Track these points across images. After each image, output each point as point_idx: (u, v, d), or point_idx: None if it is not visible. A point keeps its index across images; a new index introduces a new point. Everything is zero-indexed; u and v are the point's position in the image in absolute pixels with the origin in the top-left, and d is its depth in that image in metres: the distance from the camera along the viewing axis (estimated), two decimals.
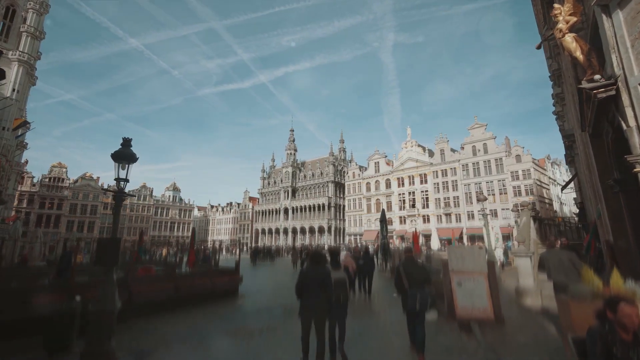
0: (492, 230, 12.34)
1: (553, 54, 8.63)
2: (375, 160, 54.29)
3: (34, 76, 40.59)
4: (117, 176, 4.34)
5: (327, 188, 60.10)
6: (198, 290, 8.36)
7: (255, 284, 12.90)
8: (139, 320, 6.41)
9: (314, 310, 4.19)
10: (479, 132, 42.76)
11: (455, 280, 4.53)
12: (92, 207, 62.56)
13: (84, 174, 63.70)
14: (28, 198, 55.74)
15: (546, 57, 10.16)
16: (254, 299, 9.68)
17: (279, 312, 7.65)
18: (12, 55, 35.77)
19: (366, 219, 52.90)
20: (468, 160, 43.05)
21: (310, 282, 4.29)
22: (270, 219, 67.91)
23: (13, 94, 35.39)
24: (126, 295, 5.90)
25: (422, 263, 6.81)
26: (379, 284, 12.14)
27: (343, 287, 4.69)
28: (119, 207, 4.44)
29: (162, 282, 7.78)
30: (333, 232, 56.45)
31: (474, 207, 41.62)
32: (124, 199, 4.48)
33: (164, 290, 7.46)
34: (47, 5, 41.29)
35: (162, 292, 7.38)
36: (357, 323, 6.53)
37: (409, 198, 48.39)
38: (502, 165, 40.07)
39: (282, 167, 69.56)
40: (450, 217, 43.75)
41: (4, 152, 34.93)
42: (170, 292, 7.59)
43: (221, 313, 7.88)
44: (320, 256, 4.68)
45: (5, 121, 34.41)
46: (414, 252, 12.65)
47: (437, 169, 46.04)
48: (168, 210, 75.06)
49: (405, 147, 50.59)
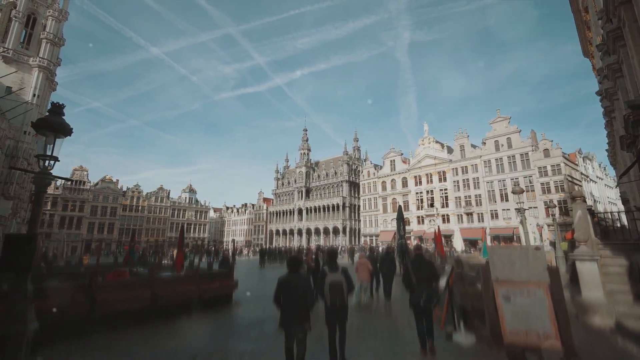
0: (530, 227, 10.69)
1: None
2: (390, 158, 52.49)
3: (53, 82, 41.67)
4: (42, 152, 3.39)
5: (341, 188, 58.78)
6: (181, 298, 7.22)
7: (257, 288, 11.79)
8: (103, 336, 5.44)
9: (294, 320, 4.02)
10: (501, 126, 40.27)
11: (501, 293, 3.29)
12: (112, 209, 64.09)
13: (104, 177, 65.40)
14: (52, 200, 57.71)
15: None
16: (248, 309, 8.54)
17: (270, 329, 6.28)
18: (32, 62, 36.78)
19: (382, 219, 51.17)
20: (490, 156, 40.61)
21: (287, 291, 4.11)
22: (284, 219, 67.30)
23: (33, 99, 36.35)
24: (88, 305, 5.00)
25: (431, 261, 6.59)
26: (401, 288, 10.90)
27: (339, 290, 4.45)
28: (41, 195, 3.47)
29: (136, 289, 6.57)
30: (348, 232, 55.05)
31: (497, 206, 39.20)
32: (48, 184, 3.53)
33: (139, 299, 6.37)
34: (65, 12, 42.35)
35: (135, 300, 6.30)
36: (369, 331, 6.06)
37: (427, 197, 46.32)
38: (528, 160, 37.45)
39: (295, 168, 68.84)
40: (471, 217, 41.42)
41: (25, 156, 35.96)
42: (146, 300, 6.47)
43: (201, 328, 6.59)
44: (296, 262, 4.40)
45: (26, 125, 35.37)
46: (440, 255, 11.43)
47: (456, 166, 43.78)
48: (184, 212, 76.00)
49: (422, 143, 48.55)
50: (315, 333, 4.67)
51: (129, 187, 68.81)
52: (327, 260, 5.19)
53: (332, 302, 4.42)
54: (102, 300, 5.66)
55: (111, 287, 6.32)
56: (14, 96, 34.20)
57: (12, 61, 34.89)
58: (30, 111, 35.02)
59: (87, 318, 5.14)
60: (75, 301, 5.08)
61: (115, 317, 5.72)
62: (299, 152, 68.87)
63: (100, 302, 5.59)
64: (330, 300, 4.43)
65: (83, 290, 5.33)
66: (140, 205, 68.56)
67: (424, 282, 4.86)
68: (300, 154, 68.66)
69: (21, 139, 34.39)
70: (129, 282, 7.17)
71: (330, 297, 4.43)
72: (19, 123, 33.69)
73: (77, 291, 5.31)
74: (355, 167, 61.65)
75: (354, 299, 9.27)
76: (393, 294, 10.13)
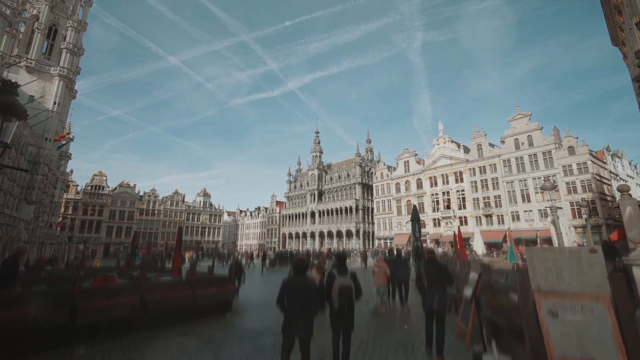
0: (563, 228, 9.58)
1: None
2: (404, 159, 51.24)
3: (73, 90, 43.04)
4: None
5: (354, 190, 57.88)
6: (173, 306, 6.65)
7: (260, 295, 11.13)
8: (82, 348, 4.96)
9: (297, 326, 3.82)
10: (521, 124, 38.47)
11: (545, 308, 2.60)
12: (129, 213, 65.60)
13: (122, 182, 67.09)
14: (73, 205, 59.63)
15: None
16: (246, 318, 7.88)
17: (267, 342, 5.74)
18: (53, 71, 38.09)
19: (397, 222, 49.89)
20: (510, 155, 38.83)
21: (292, 295, 3.93)
22: (296, 222, 66.91)
23: (54, 106, 37.55)
24: (67, 312, 4.58)
25: (445, 264, 6.33)
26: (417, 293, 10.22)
27: (348, 294, 4.30)
28: None
29: (123, 295, 6.02)
30: (362, 235, 54.02)
31: (518, 207, 37.34)
32: None
33: (126, 306, 5.83)
34: (84, 23, 43.76)
35: (122, 307, 5.77)
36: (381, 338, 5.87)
37: (444, 198, 44.79)
38: (551, 159, 35.50)
39: (308, 170, 68.49)
40: (491, 219, 39.65)
41: (47, 162, 37.15)
42: (133, 308, 5.93)
43: (192, 341, 5.92)
44: (302, 265, 4.28)
45: (48, 132, 36.54)
46: (462, 259, 10.58)
47: (474, 165, 42.15)
48: (199, 215, 76.95)
49: (437, 143, 47.12)
50: (319, 339, 4.36)
51: (145, 192, 70.36)
52: (336, 264, 4.93)
53: (340, 306, 4.24)
54: (84, 307, 5.17)
55: (95, 294, 5.83)
56: (36, 104, 35.47)
57: (35, 71, 36.22)
58: (51, 119, 36.23)
59: (66, 327, 4.73)
60: (54, 308, 4.69)
61: (97, 327, 5.27)
62: (311, 155, 68.53)
63: (82, 309, 5.12)
64: (338, 305, 4.25)
65: (64, 297, 4.94)
66: (156, 209, 69.91)
67: (437, 285, 4.79)
68: (312, 156, 68.30)
69: (42, 146, 35.53)
70: (115, 288, 6.52)
71: (339, 301, 4.25)
72: (40, 130, 34.84)
73: (57, 297, 4.93)
74: (368, 169, 60.66)
75: (369, 304, 8.86)
76: (409, 299, 9.59)
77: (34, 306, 4.36)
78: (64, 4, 41.40)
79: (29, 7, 39.21)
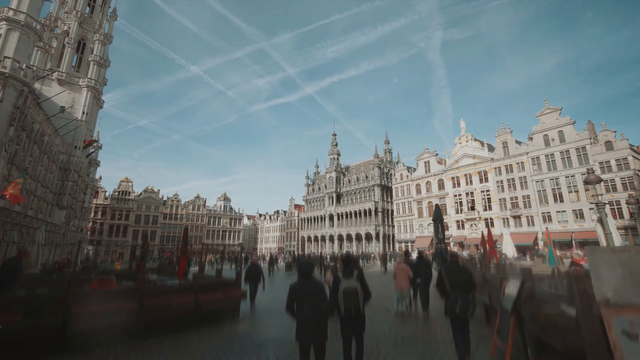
0: (611, 228, 8.42)
1: None
2: (425, 160, 49.66)
3: (100, 100, 45.16)
4: None
5: (372, 192, 56.78)
6: (174, 312, 6.25)
7: (271, 300, 10.45)
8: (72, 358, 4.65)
9: (310, 331, 3.73)
10: (551, 119, 36.16)
11: (617, 326, 1.99)
12: (154, 217, 67.80)
13: (147, 187, 69.55)
14: (102, 210, 62.45)
15: None
16: (253, 326, 7.32)
17: (270, 355, 5.22)
18: (82, 82, 40.06)
19: (417, 224, 48.31)
20: (539, 152, 36.56)
21: (301, 299, 3.85)
22: (315, 226, 66.52)
23: (83, 116, 39.44)
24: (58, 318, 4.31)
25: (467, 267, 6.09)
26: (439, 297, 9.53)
27: (354, 297, 4.13)
28: None
29: (120, 300, 5.66)
30: (381, 238, 52.75)
31: (550, 208, 34.99)
32: None
33: (123, 312, 5.48)
34: (110, 36, 45.83)
35: (120, 314, 5.41)
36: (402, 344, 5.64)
37: (467, 199, 42.88)
38: (585, 155, 33.03)
39: (325, 173, 68.08)
40: (519, 220, 37.42)
41: (76, 169, 39.00)
42: (130, 314, 5.58)
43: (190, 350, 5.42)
44: (308, 267, 4.14)
45: (77, 141, 38.39)
46: (494, 263, 9.73)
47: (499, 164, 40.07)
48: (220, 219, 78.30)
49: (459, 142, 45.30)
50: (330, 346, 4.05)
51: (168, 197, 72.55)
52: (341, 266, 4.81)
53: (347, 310, 4.08)
54: (78, 313, 4.88)
55: (92, 299, 5.43)
56: (66, 114, 37.43)
57: (65, 83, 38.23)
58: (80, 127, 38.09)
59: (58, 334, 4.49)
60: (45, 314, 4.48)
61: (92, 334, 4.93)
62: (329, 157, 68.08)
63: (76, 315, 4.82)
64: (344, 309, 4.09)
65: (56, 301, 4.71)
66: (178, 213, 71.87)
67: (459, 288, 4.72)
68: (329, 159, 67.84)
69: (72, 153, 37.35)
70: (111, 292, 6.15)
71: (345, 304, 4.08)
72: (70, 138, 36.66)
73: (49, 302, 4.71)
74: (387, 170, 59.39)
75: (394, 308, 8.43)
76: (431, 303, 9.05)
77: (21, 311, 4.17)
78: (91, 19, 43.64)
79: (60, 24, 41.64)
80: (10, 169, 22.59)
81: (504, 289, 4.21)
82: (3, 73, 20.28)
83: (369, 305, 7.75)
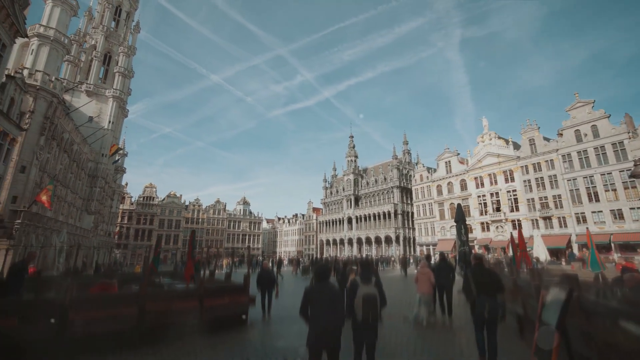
0: None
1: None
2: (445, 160, 48.05)
3: (125, 109, 47.19)
4: None
5: (391, 194, 55.60)
6: (177, 318, 5.94)
7: (281, 306, 9.88)
8: None
9: (324, 337, 3.56)
10: (582, 113, 33.88)
11: None
12: (176, 221, 69.83)
13: (170, 193, 71.82)
14: (128, 215, 65.06)
15: None
16: (261, 334, 6.85)
17: None
18: (108, 93, 42.04)
19: (439, 227, 46.68)
20: (570, 149, 34.31)
21: (316, 303, 3.70)
22: (333, 229, 65.99)
23: (109, 125, 41.29)
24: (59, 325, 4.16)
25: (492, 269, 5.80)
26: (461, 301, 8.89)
27: (373, 304, 4.02)
28: None
29: (120, 305, 5.42)
30: (402, 241, 51.42)
31: (584, 208, 32.67)
32: None
33: (123, 318, 5.22)
34: (134, 48, 47.88)
35: (119, 320, 5.17)
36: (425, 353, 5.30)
37: (492, 200, 40.93)
38: (624, 150, 30.60)
39: (343, 176, 67.53)
40: (550, 222, 35.20)
41: (103, 175, 40.77)
42: (131, 320, 5.30)
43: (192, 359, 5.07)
44: (324, 270, 4.00)
45: (104, 149, 40.21)
46: (527, 268, 8.97)
47: (526, 162, 37.99)
48: (239, 223, 79.49)
49: (481, 140, 43.46)
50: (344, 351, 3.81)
51: (190, 202, 74.52)
52: (359, 271, 4.73)
53: (365, 317, 3.97)
54: (75, 318, 4.70)
55: (89, 303, 5.26)
56: (94, 124, 39.31)
57: (93, 94, 40.22)
58: (106, 136, 39.90)
59: (56, 341, 4.35)
60: (42, 320, 4.36)
61: (90, 341, 4.69)
62: (346, 160, 67.51)
63: (73, 320, 4.65)
64: (362, 316, 3.98)
65: (54, 306, 4.60)
66: (200, 217, 73.62)
67: (486, 292, 4.59)
68: (347, 161, 67.25)
69: (100, 161, 39.13)
70: (112, 297, 5.88)
71: (363, 311, 3.96)
72: (97, 147, 38.45)
73: (46, 307, 4.58)
74: (406, 171, 58.03)
75: (413, 314, 7.98)
76: (455, 311, 8.55)
77: (16, 317, 4.08)
78: (116, 33, 45.81)
79: (88, 39, 44.03)
80: (42, 176, 23.82)
81: (543, 298, 3.64)
82: (34, 85, 21.46)
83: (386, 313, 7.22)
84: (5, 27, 14.88)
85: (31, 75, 21.80)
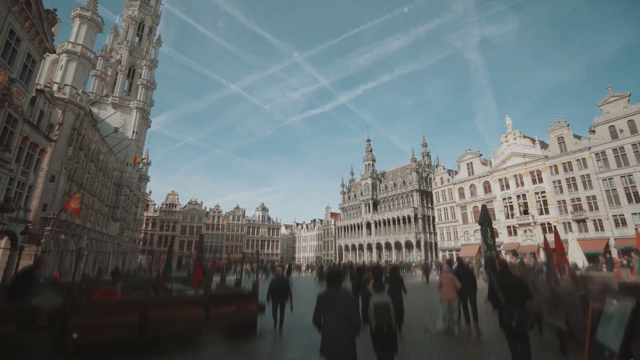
0: None
1: None
2: (467, 161, 46.31)
3: (148, 119, 49.04)
4: None
5: (411, 198, 54.20)
6: (181, 326, 5.64)
7: (296, 313, 8.96)
8: None
9: (338, 346, 3.38)
10: (617, 108, 31.63)
11: None
12: (197, 228, 71.36)
13: (191, 200, 73.69)
14: (152, 222, 67.24)
15: None
16: (270, 344, 6.41)
17: None
18: (132, 105, 43.91)
19: (462, 231, 44.84)
20: (605, 146, 32.03)
21: (328, 310, 3.57)
22: (352, 234, 65.06)
23: (133, 135, 43.00)
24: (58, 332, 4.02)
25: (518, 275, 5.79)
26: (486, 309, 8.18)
27: (386, 314, 3.91)
28: None
29: (122, 312, 5.17)
30: (423, 247, 49.80)
31: (623, 210, 30.26)
32: None
33: (125, 326, 5.00)
34: (155, 61, 49.88)
35: (122, 328, 4.95)
36: None
37: (519, 202, 38.85)
38: None
39: (361, 180, 66.70)
40: (584, 225, 32.86)
41: (128, 184, 42.35)
42: (132, 327, 5.07)
43: None
44: (337, 276, 3.82)
45: (128, 158, 41.85)
46: (568, 275, 8.19)
47: (555, 162, 35.84)
48: (258, 229, 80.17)
49: (505, 140, 41.55)
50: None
51: (210, 208, 76.09)
52: (371, 278, 4.61)
53: (378, 326, 3.90)
54: (75, 325, 4.50)
55: (93, 310, 5.05)
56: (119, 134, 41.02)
57: (118, 106, 42.09)
58: (130, 146, 41.55)
59: (54, 349, 4.24)
60: (42, 326, 4.28)
61: (90, 349, 4.51)
62: (364, 164, 66.69)
63: (73, 327, 4.44)
64: (375, 325, 3.92)
65: (54, 313, 4.50)
66: (220, 223, 74.92)
67: (514, 300, 4.48)
68: (364, 165, 66.42)
69: (124, 170, 40.73)
70: (113, 303, 5.64)
71: (376, 321, 3.90)
72: (122, 156, 40.05)
73: (49, 314, 4.50)
74: (425, 174, 56.47)
75: (438, 323, 7.46)
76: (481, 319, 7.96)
77: (16, 323, 4.00)
78: (139, 47, 47.93)
79: (114, 54, 46.34)
80: (71, 185, 24.94)
81: (593, 311, 3.05)
82: (62, 99, 22.60)
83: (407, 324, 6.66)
84: (35, 44, 15.73)
85: (60, 89, 23.02)
